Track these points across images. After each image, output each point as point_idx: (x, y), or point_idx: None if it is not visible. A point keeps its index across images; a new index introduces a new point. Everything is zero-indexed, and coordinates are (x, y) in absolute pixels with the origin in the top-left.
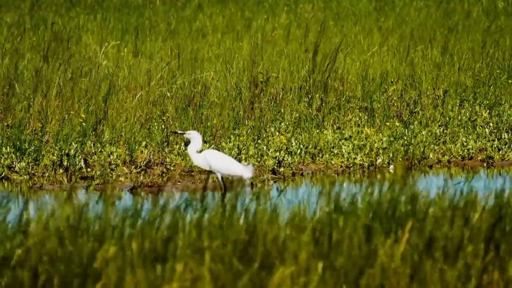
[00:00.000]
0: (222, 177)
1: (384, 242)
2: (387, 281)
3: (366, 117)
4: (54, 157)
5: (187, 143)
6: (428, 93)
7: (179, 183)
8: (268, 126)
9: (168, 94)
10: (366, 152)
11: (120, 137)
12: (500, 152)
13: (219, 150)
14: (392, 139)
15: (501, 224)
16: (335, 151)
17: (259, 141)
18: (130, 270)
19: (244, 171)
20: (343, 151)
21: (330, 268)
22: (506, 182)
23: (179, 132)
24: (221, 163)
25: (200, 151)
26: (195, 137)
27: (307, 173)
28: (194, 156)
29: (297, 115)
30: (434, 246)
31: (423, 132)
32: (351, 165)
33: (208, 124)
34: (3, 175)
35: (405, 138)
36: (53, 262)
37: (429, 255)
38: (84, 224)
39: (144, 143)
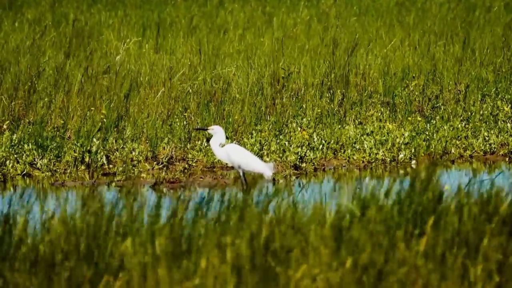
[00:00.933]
0: (244, 173)
1: (406, 238)
2: (410, 277)
3: (388, 112)
4: (76, 154)
5: (208, 138)
6: (449, 88)
7: (201, 179)
8: (290, 121)
9: (190, 90)
10: (388, 147)
11: (142, 134)
12: None
13: (241, 146)
14: (414, 134)
15: None
16: (357, 147)
17: (281, 136)
18: (152, 266)
19: (266, 168)
20: (365, 146)
21: (352, 264)
22: None
23: (202, 128)
24: (243, 158)
25: (223, 146)
26: (218, 132)
27: (329, 169)
28: (216, 150)
29: (318, 110)
30: (457, 242)
31: (445, 127)
32: (373, 160)
33: (230, 119)
34: (25, 172)
35: (427, 133)
36: (75, 259)
37: (452, 250)
38: (106, 220)
39: (166, 139)
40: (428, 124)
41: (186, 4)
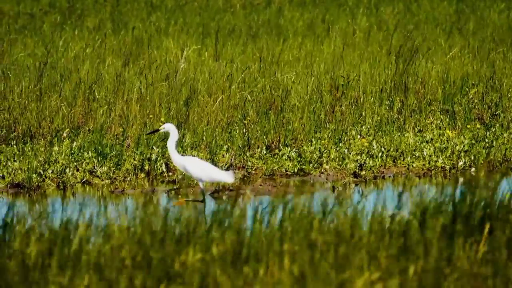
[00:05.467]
0: (203, 185)
1: (466, 245)
2: (468, 284)
3: (447, 120)
4: (135, 162)
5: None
6: (509, 95)
7: (260, 186)
8: (349, 129)
9: (249, 98)
10: (448, 155)
11: (202, 141)
12: None
13: (198, 157)
14: (473, 141)
15: None
16: (417, 154)
17: (340, 144)
18: (211, 273)
19: (226, 177)
20: (425, 154)
21: (411, 271)
22: None
23: (154, 131)
24: (202, 171)
25: (181, 154)
26: (170, 130)
27: (389, 176)
28: (174, 156)
29: (378, 118)
30: None
31: (505, 135)
32: (432, 168)
33: (289, 127)
34: (84, 179)
35: (486, 140)
36: (135, 266)
37: (511, 257)
38: (166, 227)
39: (225, 147)
40: (487, 132)
41: (245, 12)
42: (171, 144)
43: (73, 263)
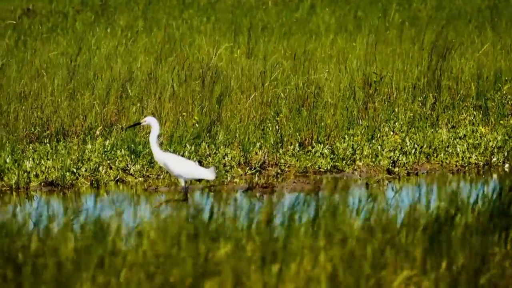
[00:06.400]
0: (185, 182)
1: (500, 241)
2: (504, 280)
3: (480, 116)
4: None
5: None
6: None
7: (293, 183)
8: (382, 125)
9: (282, 95)
10: (481, 151)
11: (235, 139)
12: None
13: (178, 154)
14: (507, 137)
15: None
16: (450, 150)
17: (373, 141)
18: (245, 270)
19: (208, 173)
20: (458, 150)
21: (446, 267)
22: None
23: (135, 124)
24: (183, 168)
25: (163, 149)
26: (152, 123)
27: (422, 173)
28: (156, 151)
29: (411, 114)
30: None
31: None
32: (466, 164)
33: (322, 124)
34: (118, 177)
35: None
36: (169, 263)
37: None
38: (199, 225)
39: (258, 144)
40: None
41: (277, 9)
42: (153, 138)
43: (108, 261)
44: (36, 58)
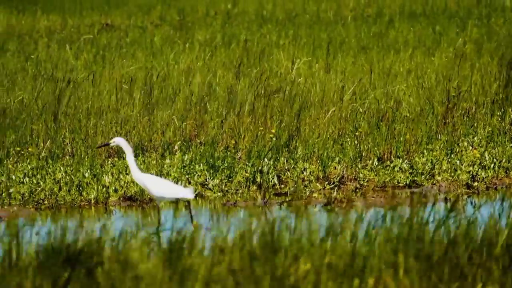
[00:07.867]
0: (159, 203)
1: None
2: None
3: None
4: (247, 174)
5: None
6: None
7: (372, 198)
8: (461, 140)
9: (361, 110)
10: None
11: (313, 153)
12: None
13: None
14: None
15: None
16: None
17: (452, 155)
18: (324, 286)
19: (187, 193)
20: None
21: None
22: None
23: (104, 144)
24: (163, 189)
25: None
26: (121, 143)
27: (501, 187)
28: (134, 171)
29: (490, 129)
30: None
31: None
32: None
33: (401, 139)
34: (197, 192)
35: None
36: (248, 279)
37: None
38: (278, 240)
39: (337, 158)
40: None
41: (356, 24)
42: (129, 159)
43: (185, 277)
44: (115, 73)
